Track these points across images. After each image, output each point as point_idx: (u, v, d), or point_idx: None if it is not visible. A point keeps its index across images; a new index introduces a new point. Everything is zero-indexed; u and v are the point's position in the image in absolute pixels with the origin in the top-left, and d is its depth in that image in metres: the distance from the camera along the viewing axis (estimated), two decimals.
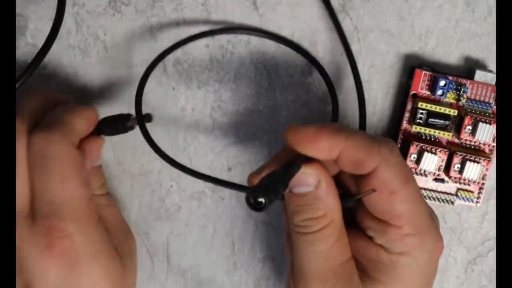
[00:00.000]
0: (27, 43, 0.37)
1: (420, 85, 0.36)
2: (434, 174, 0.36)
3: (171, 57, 0.37)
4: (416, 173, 0.36)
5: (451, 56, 0.37)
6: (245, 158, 0.38)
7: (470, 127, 0.36)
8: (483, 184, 0.36)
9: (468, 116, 0.35)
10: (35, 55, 0.34)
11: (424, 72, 0.36)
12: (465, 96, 0.36)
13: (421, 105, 0.35)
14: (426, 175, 0.36)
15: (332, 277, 0.29)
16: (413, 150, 0.36)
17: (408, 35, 0.37)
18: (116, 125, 0.35)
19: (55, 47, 0.35)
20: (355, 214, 0.31)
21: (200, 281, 0.40)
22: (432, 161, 0.35)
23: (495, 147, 0.36)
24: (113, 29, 0.37)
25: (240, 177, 0.38)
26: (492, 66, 0.37)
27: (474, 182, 0.36)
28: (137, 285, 0.39)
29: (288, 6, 0.37)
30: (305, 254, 0.30)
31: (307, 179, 0.29)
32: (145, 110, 0.38)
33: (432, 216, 0.30)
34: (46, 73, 0.37)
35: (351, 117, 0.38)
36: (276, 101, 0.38)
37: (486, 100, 0.36)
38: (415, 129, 0.36)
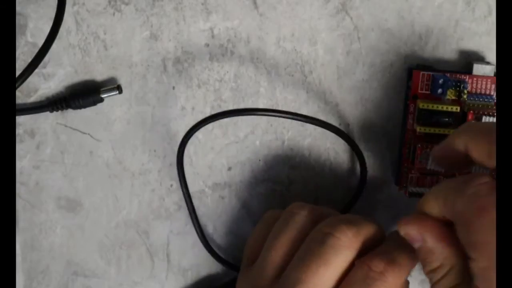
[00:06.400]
0: (27, 42, 0.37)
1: (420, 86, 0.36)
2: (443, 172, 0.36)
3: (171, 56, 0.37)
4: (426, 174, 0.36)
5: (451, 55, 0.37)
6: (245, 157, 0.38)
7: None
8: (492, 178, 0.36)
9: (471, 111, 0.35)
10: (35, 54, 0.34)
11: (422, 72, 0.36)
12: (465, 91, 0.36)
13: (423, 105, 0.35)
14: (435, 175, 0.36)
15: None
16: (420, 151, 0.36)
17: (408, 34, 0.37)
18: (85, 98, 0.36)
19: (55, 46, 0.35)
20: None
21: (200, 280, 0.40)
22: None
23: None
24: (113, 28, 0.37)
25: (240, 177, 0.38)
26: (489, 58, 0.37)
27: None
28: (137, 284, 0.39)
29: (288, 5, 0.37)
30: None
31: (413, 236, 0.30)
32: (145, 109, 0.38)
33: None
34: (46, 72, 0.37)
35: (351, 116, 0.38)
36: (276, 100, 0.38)
37: (487, 93, 0.36)
38: (420, 130, 0.36)
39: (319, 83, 0.37)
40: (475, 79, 0.36)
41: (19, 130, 0.38)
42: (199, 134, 0.38)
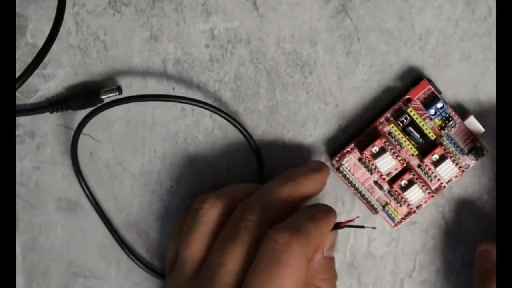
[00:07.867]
0: (27, 43, 0.37)
1: (419, 95, 0.36)
2: (380, 176, 0.36)
3: (171, 57, 0.37)
4: (367, 166, 0.36)
5: (451, 55, 0.37)
6: (245, 158, 0.38)
7: (437, 157, 0.35)
8: (413, 212, 0.36)
9: (440, 148, 0.35)
10: (35, 55, 0.34)
11: (429, 86, 0.35)
12: (451, 129, 0.36)
13: (410, 111, 0.35)
14: (372, 173, 0.36)
15: None
16: (379, 143, 0.35)
17: (408, 35, 0.37)
18: (85, 99, 0.37)
19: (55, 47, 0.35)
20: None
21: None
22: (387, 163, 0.35)
23: (445, 187, 0.36)
24: (113, 29, 0.37)
25: (240, 177, 0.38)
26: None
27: (408, 205, 0.36)
28: (137, 286, 0.39)
29: (288, 6, 0.37)
30: None
31: None
32: (146, 110, 0.38)
33: None
34: (46, 73, 0.37)
35: (351, 117, 0.38)
36: (276, 101, 0.38)
37: (462, 147, 0.36)
38: (391, 128, 0.35)
39: (319, 84, 0.37)
40: (462, 127, 0.36)
41: (19, 131, 0.38)
42: (199, 135, 0.38)
